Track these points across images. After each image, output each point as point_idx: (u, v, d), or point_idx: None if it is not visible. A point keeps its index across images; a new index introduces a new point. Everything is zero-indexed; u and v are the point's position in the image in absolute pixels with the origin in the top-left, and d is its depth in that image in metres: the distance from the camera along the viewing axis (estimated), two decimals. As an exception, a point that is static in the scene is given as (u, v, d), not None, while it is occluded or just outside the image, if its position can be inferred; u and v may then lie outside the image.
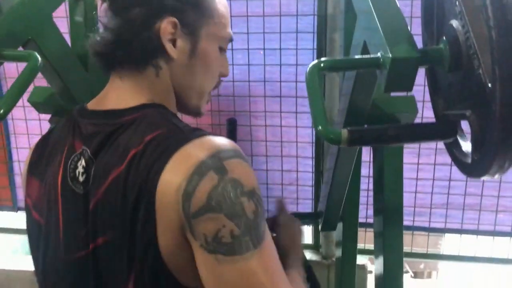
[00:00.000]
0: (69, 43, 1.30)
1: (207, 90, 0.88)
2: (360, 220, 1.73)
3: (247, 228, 0.66)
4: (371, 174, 1.47)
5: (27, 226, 0.87)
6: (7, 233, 2.45)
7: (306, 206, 2.06)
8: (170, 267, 0.70)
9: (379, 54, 0.81)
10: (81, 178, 0.75)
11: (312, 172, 2.01)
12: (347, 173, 1.41)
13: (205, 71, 0.85)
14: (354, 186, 1.60)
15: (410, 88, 0.81)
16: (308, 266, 1.27)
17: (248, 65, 1.91)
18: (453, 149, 0.93)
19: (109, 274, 0.73)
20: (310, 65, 0.84)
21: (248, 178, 0.68)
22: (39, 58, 0.91)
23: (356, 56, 0.87)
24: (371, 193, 1.33)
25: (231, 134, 1.49)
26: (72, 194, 0.76)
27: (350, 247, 1.72)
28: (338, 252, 1.76)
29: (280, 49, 1.88)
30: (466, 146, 0.89)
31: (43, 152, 0.85)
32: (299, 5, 1.83)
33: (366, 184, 1.84)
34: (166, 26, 0.77)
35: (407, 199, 1.93)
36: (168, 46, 0.78)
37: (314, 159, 1.99)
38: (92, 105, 0.82)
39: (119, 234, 0.71)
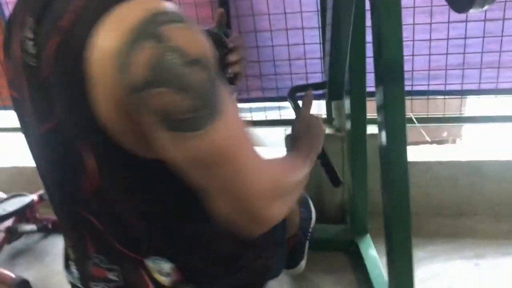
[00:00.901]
0: None
1: None
2: (370, 89, 1.65)
3: (201, 100, 0.60)
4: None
5: (13, 107, 0.85)
6: (10, 132, 2.47)
7: (316, 80, 1.98)
8: (116, 139, 0.66)
9: None
10: (31, 51, 0.71)
11: (320, 43, 1.90)
12: (347, 32, 1.31)
13: None
14: (358, 53, 1.50)
15: None
16: (323, 154, 1.28)
17: None
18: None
19: (73, 145, 0.71)
20: None
21: (193, 45, 0.60)
22: None
23: None
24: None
25: None
26: (29, 68, 0.73)
27: (358, 117, 1.67)
28: (348, 124, 1.72)
29: None
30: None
31: (8, 31, 0.81)
32: None
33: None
34: None
35: (421, 62, 1.83)
36: None
37: (320, 29, 1.87)
38: None
39: (69, 106, 0.67)
